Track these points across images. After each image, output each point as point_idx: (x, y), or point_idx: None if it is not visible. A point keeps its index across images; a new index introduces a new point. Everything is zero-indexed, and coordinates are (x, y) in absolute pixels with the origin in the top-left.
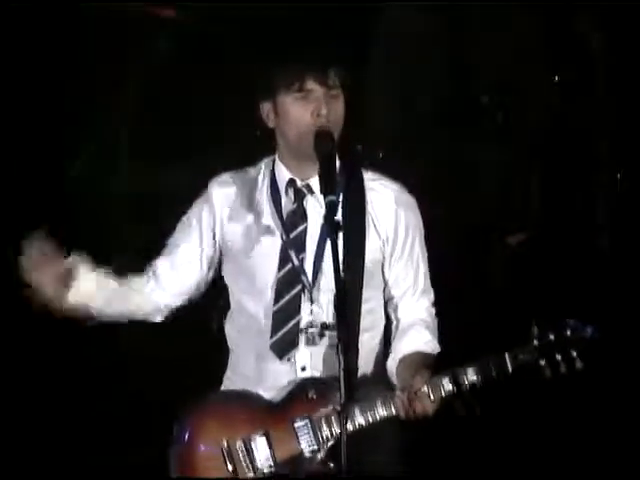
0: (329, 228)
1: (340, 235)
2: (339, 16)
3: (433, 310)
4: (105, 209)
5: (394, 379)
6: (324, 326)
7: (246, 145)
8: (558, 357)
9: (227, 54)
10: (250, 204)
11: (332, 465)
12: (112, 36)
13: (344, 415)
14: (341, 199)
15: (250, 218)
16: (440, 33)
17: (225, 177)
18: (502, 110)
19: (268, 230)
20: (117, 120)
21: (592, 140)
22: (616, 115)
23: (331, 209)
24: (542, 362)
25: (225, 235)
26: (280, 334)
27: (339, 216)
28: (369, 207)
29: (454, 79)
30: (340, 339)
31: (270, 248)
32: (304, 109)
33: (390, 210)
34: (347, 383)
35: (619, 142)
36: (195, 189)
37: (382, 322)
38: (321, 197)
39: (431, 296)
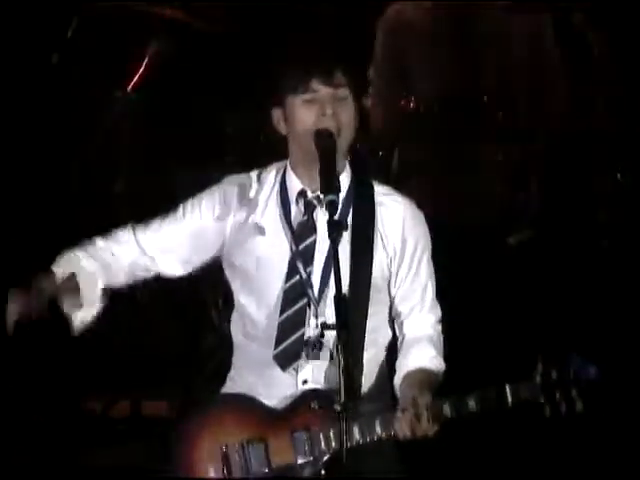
0: (328, 228)
1: (347, 249)
2: (341, 15)
3: (439, 327)
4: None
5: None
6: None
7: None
8: (559, 396)
9: (233, 58)
10: (258, 209)
11: (326, 478)
12: (113, 36)
13: (344, 415)
14: (351, 212)
15: (257, 223)
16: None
17: (235, 177)
18: (502, 110)
19: (276, 238)
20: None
21: (592, 140)
22: (616, 113)
23: (331, 208)
24: (543, 400)
25: (229, 237)
26: (284, 346)
27: (349, 220)
28: (378, 223)
29: (455, 79)
30: (340, 338)
31: (277, 257)
32: (309, 111)
33: (399, 226)
34: (347, 383)
35: (619, 142)
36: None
37: (387, 339)
38: None
39: (438, 312)
